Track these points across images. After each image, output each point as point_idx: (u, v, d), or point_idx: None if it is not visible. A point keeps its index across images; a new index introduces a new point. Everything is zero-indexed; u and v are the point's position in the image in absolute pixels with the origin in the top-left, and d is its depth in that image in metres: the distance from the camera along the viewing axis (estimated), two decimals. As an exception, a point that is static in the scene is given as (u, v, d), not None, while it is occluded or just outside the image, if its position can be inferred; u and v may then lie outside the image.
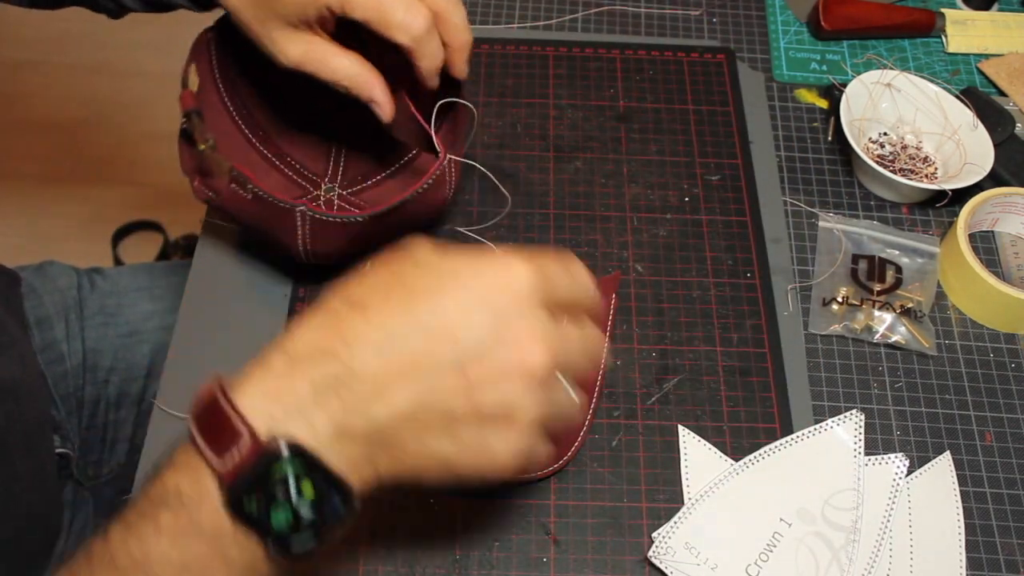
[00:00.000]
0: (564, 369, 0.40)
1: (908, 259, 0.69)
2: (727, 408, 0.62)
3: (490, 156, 0.73)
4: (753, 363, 0.64)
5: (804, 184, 0.73)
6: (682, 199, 0.72)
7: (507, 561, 0.56)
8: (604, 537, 0.57)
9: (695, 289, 0.67)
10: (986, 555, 0.57)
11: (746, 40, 0.83)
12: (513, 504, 0.58)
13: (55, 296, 0.81)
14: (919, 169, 0.73)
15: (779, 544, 0.56)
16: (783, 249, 0.70)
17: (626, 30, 0.83)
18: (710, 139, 0.75)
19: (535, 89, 0.78)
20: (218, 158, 0.57)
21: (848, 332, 0.65)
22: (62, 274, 0.83)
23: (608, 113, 0.77)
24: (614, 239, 0.70)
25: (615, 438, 0.61)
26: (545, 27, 0.83)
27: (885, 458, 0.59)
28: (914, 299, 0.67)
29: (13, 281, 0.78)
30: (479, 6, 0.83)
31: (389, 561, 0.55)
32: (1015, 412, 0.63)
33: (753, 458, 0.59)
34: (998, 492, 0.59)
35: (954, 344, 0.66)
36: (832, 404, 0.62)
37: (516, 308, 0.38)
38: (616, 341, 0.65)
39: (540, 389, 0.39)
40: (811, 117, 0.78)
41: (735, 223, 0.71)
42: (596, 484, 0.59)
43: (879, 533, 0.57)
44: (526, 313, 0.38)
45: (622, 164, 0.74)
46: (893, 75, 0.74)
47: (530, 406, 0.38)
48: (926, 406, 0.63)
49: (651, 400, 0.62)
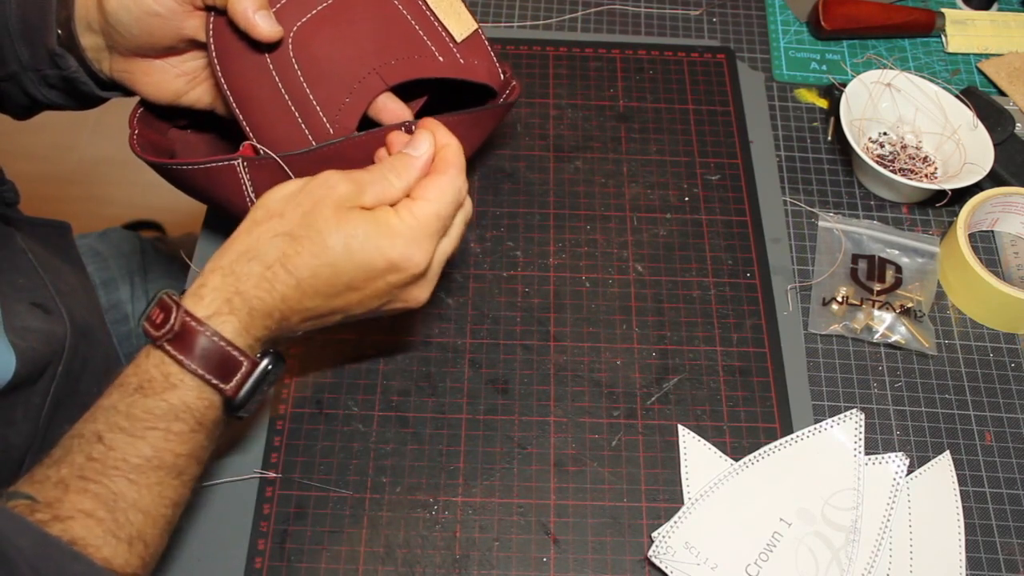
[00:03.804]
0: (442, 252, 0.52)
1: (908, 259, 0.69)
2: (727, 408, 0.62)
3: (490, 156, 0.73)
4: (753, 363, 0.64)
5: (804, 184, 0.73)
6: (682, 199, 0.72)
7: (507, 561, 0.56)
8: (604, 537, 0.57)
9: (695, 289, 0.67)
10: (986, 555, 0.57)
11: (746, 40, 0.83)
12: (513, 504, 0.58)
13: (120, 260, 0.85)
14: (919, 169, 0.73)
15: (779, 544, 0.56)
16: (783, 249, 0.70)
17: (626, 30, 0.83)
18: (710, 139, 0.75)
19: (535, 89, 0.78)
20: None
21: (848, 332, 0.65)
22: (125, 240, 0.89)
23: (608, 113, 0.77)
24: (614, 239, 0.70)
25: (615, 438, 0.61)
26: (545, 27, 0.83)
27: (885, 458, 0.59)
28: (914, 299, 0.67)
29: (64, 231, 0.80)
30: (479, 6, 0.83)
31: (389, 562, 0.55)
32: (1015, 412, 0.63)
33: (753, 458, 0.59)
34: (998, 492, 0.59)
35: (954, 344, 0.66)
36: (832, 404, 0.63)
37: (400, 284, 0.51)
38: (616, 341, 0.65)
39: (428, 291, 0.53)
40: (811, 117, 0.78)
41: (735, 223, 0.71)
42: (596, 484, 0.59)
43: (879, 533, 0.57)
44: (411, 281, 0.51)
45: (622, 164, 0.74)
46: (893, 75, 0.74)
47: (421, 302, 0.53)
48: (926, 406, 0.63)
49: (651, 400, 0.62)
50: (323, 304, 0.50)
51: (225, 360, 0.47)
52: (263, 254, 0.48)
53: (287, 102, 0.56)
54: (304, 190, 0.50)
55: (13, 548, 0.39)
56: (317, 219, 0.48)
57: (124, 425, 0.46)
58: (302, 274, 0.48)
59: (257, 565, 0.55)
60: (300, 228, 0.48)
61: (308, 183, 0.50)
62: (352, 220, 0.48)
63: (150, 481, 0.46)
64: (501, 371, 0.63)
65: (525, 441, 0.60)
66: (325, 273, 0.48)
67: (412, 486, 0.58)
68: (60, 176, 1.65)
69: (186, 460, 0.48)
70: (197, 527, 0.56)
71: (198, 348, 0.47)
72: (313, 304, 0.49)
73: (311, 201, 0.49)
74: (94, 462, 0.45)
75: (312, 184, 0.50)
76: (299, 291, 0.49)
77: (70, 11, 0.57)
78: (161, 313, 0.47)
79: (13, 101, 0.64)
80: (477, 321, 0.65)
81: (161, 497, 0.47)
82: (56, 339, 0.64)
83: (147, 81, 0.60)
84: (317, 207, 0.49)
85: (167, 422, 0.46)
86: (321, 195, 0.49)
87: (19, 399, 0.61)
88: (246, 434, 0.60)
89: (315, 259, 0.48)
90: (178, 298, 0.48)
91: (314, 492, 0.58)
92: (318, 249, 0.48)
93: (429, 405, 0.61)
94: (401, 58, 0.58)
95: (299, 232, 0.48)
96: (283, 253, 0.48)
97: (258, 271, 0.48)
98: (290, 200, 0.49)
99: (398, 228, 0.49)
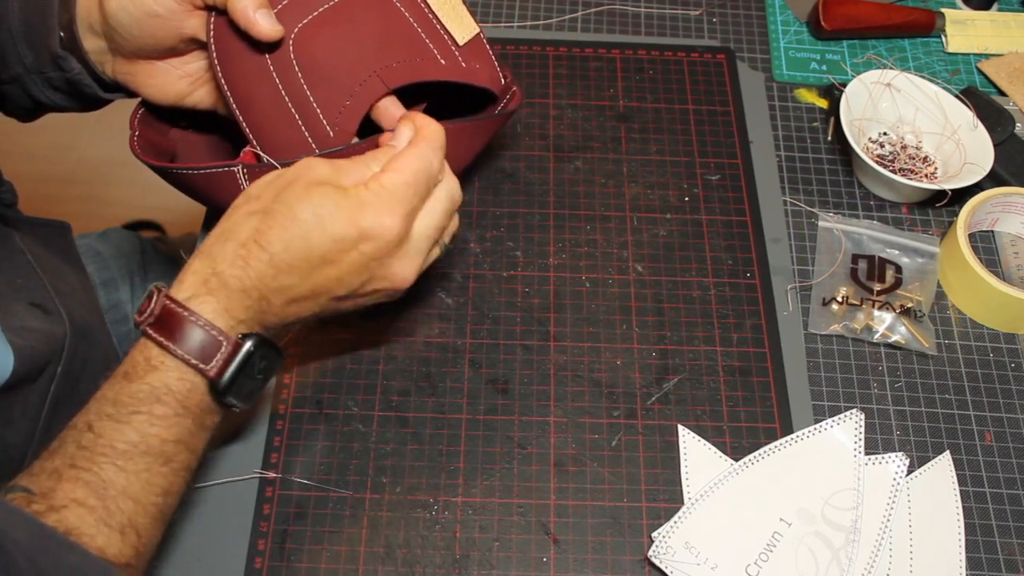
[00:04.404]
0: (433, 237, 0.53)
1: (908, 259, 0.69)
2: (727, 408, 0.62)
3: (490, 156, 0.73)
4: (753, 363, 0.64)
5: (804, 184, 0.73)
6: (682, 199, 0.72)
7: (507, 561, 0.56)
8: (604, 537, 0.57)
9: (695, 289, 0.67)
10: (986, 555, 0.57)
11: (746, 40, 0.83)
12: (513, 504, 0.58)
13: (120, 260, 0.85)
14: (919, 169, 0.73)
15: (779, 544, 0.56)
16: (783, 249, 0.70)
17: (626, 30, 0.83)
18: (710, 139, 0.75)
19: (535, 89, 0.78)
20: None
21: (848, 332, 0.65)
22: (125, 240, 0.89)
23: (608, 113, 0.77)
24: (614, 239, 0.70)
25: (615, 438, 0.61)
26: (545, 27, 0.83)
27: (885, 458, 0.59)
28: (914, 299, 0.67)
29: (65, 231, 0.80)
30: (480, 6, 0.83)
31: (389, 562, 0.55)
32: (1015, 412, 0.63)
33: (753, 458, 0.59)
34: (998, 492, 0.59)
35: (954, 344, 0.66)
36: (832, 404, 0.63)
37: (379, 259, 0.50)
38: (616, 341, 0.65)
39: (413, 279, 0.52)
40: (811, 117, 0.78)
41: (735, 223, 0.71)
42: (596, 484, 0.59)
43: (879, 533, 0.57)
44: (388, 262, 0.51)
45: (622, 164, 0.74)
46: (893, 75, 0.74)
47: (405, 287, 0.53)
48: (926, 406, 0.63)
49: (651, 400, 0.62)
50: (301, 282, 0.49)
51: (205, 341, 0.47)
52: (237, 232, 0.49)
53: (287, 103, 0.56)
54: (283, 175, 0.50)
55: (10, 541, 0.40)
56: (289, 195, 0.49)
57: (110, 411, 0.46)
58: (275, 248, 0.48)
59: (257, 565, 0.55)
60: (273, 203, 0.49)
61: (288, 167, 0.51)
62: (322, 192, 0.49)
63: (138, 467, 0.46)
64: (501, 371, 0.63)
65: (525, 441, 0.60)
66: (297, 245, 0.48)
67: (412, 486, 0.58)
68: (60, 176, 1.65)
69: (173, 446, 0.48)
70: (197, 527, 0.56)
71: (177, 329, 0.47)
72: (290, 281, 0.49)
73: (286, 180, 0.50)
74: (84, 450, 0.46)
75: (292, 169, 0.50)
76: (273, 267, 0.48)
77: (72, 13, 0.57)
78: (147, 302, 0.48)
79: (17, 103, 0.64)
80: (477, 321, 0.65)
81: (150, 484, 0.47)
82: (55, 339, 0.65)
83: (150, 83, 0.60)
84: (291, 185, 0.49)
85: (149, 405, 0.47)
86: (297, 175, 0.50)
87: (17, 398, 0.61)
88: (246, 434, 0.60)
89: (286, 232, 0.48)
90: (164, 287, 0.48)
91: (314, 492, 0.58)
92: (288, 222, 0.48)
93: (429, 405, 0.61)
94: (403, 61, 0.58)
95: (272, 207, 0.49)
96: (255, 229, 0.48)
97: (232, 249, 0.48)
98: (269, 184, 0.50)
99: (366, 198, 0.49)
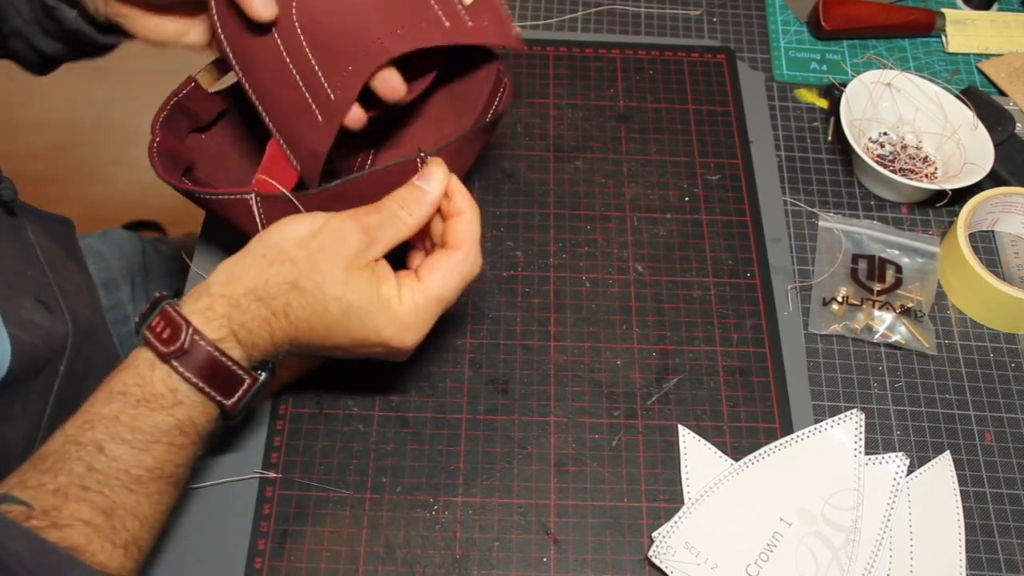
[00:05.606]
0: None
1: (908, 259, 0.69)
2: (727, 408, 0.62)
3: (490, 156, 0.73)
4: (753, 363, 0.64)
5: (804, 184, 0.73)
6: (682, 199, 0.72)
7: (507, 561, 0.56)
8: (604, 537, 0.57)
9: (695, 289, 0.67)
10: (986, 555, 0.57)
11: (746, 40, 0.83)
12: (513, 504, 0.58)
13: (120, 260, 0.86)
14: (919, 169, 0.73)
15: (779, 544, 0.56)
16: (783, 249, 0.70)
17: (626, 30, 0.83)
18: (710, 139, 0.75)
19: (535, 89, 0.78)
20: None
21: (848, 332, 0.65)
22: (126, 240, 0.89)
23: (608, 113, 0.77)
24: (614, 239, 0.70)
25: (615, 438, 0.61)
26: (545, 27, 0.83)
27: (885, 458, 0.59)
28: (914, 299, 0.67)
29: (69, 227, 0.80)
30: (479, 6, 0.83)
31: (389, 562, 0.55)
32: (1015, 412, 0.63)
33: (753, 458, 0.59)
34: (998, 492, 0.59)
35: (954, 344, 0.66)
36: (832, 404, 0.63)
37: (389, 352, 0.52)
38: (616, 341, 0.65)
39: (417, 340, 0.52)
40: (811, 117, 0.78)
41: (735, 223, 0.71)
42: (596, 484, 0.59)
43: (879, 533, 0.57)
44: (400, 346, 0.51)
45: (622, 164, 0.74)
46: (893, 75, 0.74)
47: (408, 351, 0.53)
48: (926, 406, 0.63)
49: (651, 400, 0.62)
50: (313, 346, 0.52)
51: (230, 378, 0.49)
52: (270, 298, 0.49)
53: (288, 64, 0.56)
54: (317, 239, 0.49)
55: (10, 554, 0.40)
56: (326, 278, 0.49)
57: (128, 437, 0.47)
58: (300, 325, 0.50)
59: (257, 565, 0.55)
60: (306, 280, 0.49)
61: (322, 229, 0.50)
62: (357, 287, 0.49)
63: (150, 491, 0.47)
64: (501, 371, 0.63)
65: (525, 441, 0.60)
66: (320, 331, 0.50)
67: (412, 486, 0.58)
68: (60, 176, 1.65)
69: (184, 469, 0.50)
70: (197, 527, 0.56)
71: (208, 368, 0.48)
72: (305, 343, 0.51)
73: (322, 254, 0.49)
74: (95, 472, 0.46)
75: (325, 233, 0.49)
76: (293, 334, 0.50)
77: None
78: (168, 328, 0.48)
79: (24, 57, 0.64)
80: (477, 321, 0.65)
81: (159, 504, 0.48)
82: (56, 338, 0.64)
83: (145, 24, 0.59)
84: (327, 263, 0.49)
85: (172, 436, 0.48)
86: (333, 250, 0.49)
87: (16, 395, 0.61)
88: (246, 434, 0.60)
89: (315, 317, 0.49)
90: (182, 310, 0.48)
91: (314, 492, 0.58)
92: (320, 308, 0.49)
93: (429, 405, 0.61)
94: (407, 26, 0.58)
95: (305, 284, 0.49)
96: (287, 302, 0.49)
97: (264, 315, 0.49)
98: (302, 246, 0.49)
99: (397, 311, 0.50)
